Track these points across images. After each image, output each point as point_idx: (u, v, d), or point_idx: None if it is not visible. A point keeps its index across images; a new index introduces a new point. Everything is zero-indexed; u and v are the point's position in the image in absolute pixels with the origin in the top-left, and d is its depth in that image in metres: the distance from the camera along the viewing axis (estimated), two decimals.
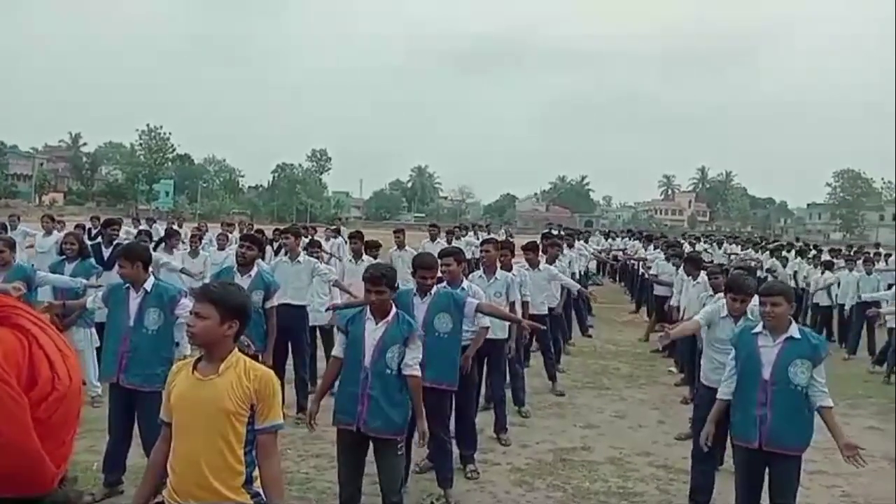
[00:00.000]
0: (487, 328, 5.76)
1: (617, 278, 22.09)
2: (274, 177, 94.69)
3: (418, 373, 4.18)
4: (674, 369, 9.45)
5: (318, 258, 7.89)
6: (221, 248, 10.51)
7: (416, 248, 11.16)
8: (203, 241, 11.03)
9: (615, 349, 11.59)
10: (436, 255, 5.62)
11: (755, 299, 4.98)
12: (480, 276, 6.80)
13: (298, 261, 7.20)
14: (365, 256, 9.10)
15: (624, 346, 11.93)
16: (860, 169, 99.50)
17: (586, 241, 18.31)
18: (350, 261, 8.98)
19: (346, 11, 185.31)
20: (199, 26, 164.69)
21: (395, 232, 11.21)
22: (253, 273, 6.10)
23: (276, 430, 2.77)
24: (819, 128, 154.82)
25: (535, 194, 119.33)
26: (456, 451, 5.55)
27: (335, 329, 6.17)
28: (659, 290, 11.44)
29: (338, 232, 15.68)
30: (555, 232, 17.04)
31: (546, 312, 8.62)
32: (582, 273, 13.99)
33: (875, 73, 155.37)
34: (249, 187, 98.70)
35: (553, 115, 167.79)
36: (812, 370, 4.11)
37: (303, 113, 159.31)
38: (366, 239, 9.35)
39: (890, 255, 17.11)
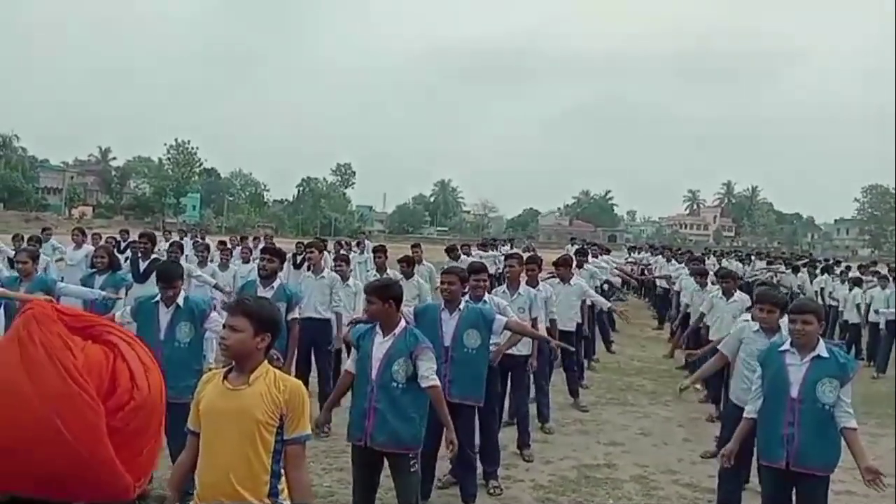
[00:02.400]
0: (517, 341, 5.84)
1: (641, 294, 21.94)
2: (299, 191, 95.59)
3: (437, 383, 4.14)
4: (699, 386, 9.35)
5: (341, 273, 7.94)
6: (245, 261, 10.63)
7: (437, 263, 11.23)
8: (233, 255, 11.18)
9: (639, 365, 11.52)
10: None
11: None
12: (504, 291, 6.81)
13: (322, 275, 7.27)
14: (390, 271, 9.16)
15: (648, 362, 11.84)
16: (889, 184, 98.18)
17: (596, 257, 18.06)
18: (374, 275, 9.03)
19: (367, 25, 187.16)
20: (226, 42, 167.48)
21: (412, 247, 11.25)
22: (275, 285, 6.20)
23: (305, 440, 2.81)
24: (847, 143, 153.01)
25: (559, 208, 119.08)
26: (479, 467, 5.56)
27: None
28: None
29: (364, 247, 15.73)
30: (577, 246, 16.99)
31: (574, 329, 8.61)
32: (604, 289, 13.90)
33: None
34: (274, 201, 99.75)
35: (577, 129, 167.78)
36: (839, 389, 4.06)
37: (328, 127, 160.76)
38: (406, 255, 9.44)
39: None
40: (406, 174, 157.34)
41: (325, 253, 15.20)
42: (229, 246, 11.91)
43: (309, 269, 7.52)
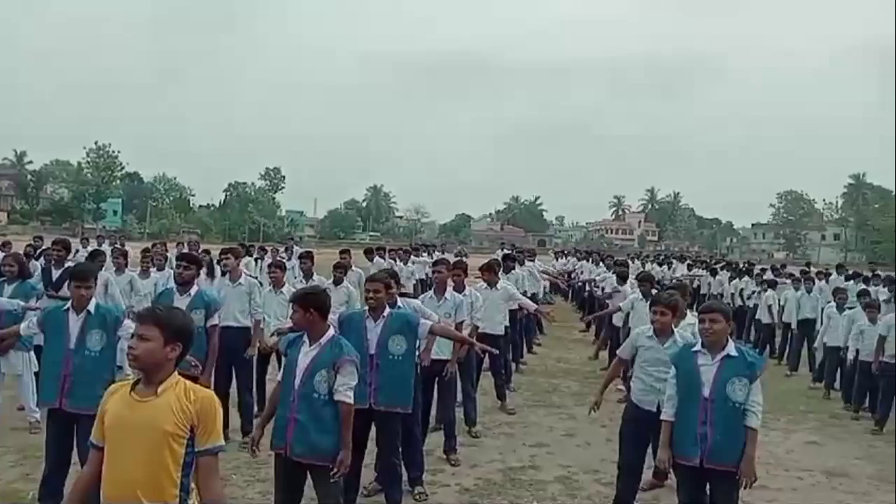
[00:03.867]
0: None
1: (569, 297, 22.37)
2: (226, 195, 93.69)
3: (349, 399, 4.08)
4: (622, 387, 9.58)
5: (275, 280, 7.80)
6: (160, 268, 10.30)
7: (366, 269, 11.17)
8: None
9: (566, 367, 11.72)
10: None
11: (690, 317, 5.16)
12: (431, 296, 6.84)
13: (240, 282, 7.10)
14: (317, 277, 9.05)
15: (574, 364, 12.07)
16: (802, 190, 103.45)
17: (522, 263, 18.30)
18: (301, 281, 8.92)
19: (302, 28, 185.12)
20: (150, 42, 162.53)
21: (341, 252, 11.15)
22: (192, 292, 6.04)
23: (218, 451, 2.74)
24: (763, 151, 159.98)
25: (490, 214, 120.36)
26: (405, 473, 5.55)
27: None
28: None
29: (292, 252, 15.50)
30: (507, 251, 17.21)
31: (502, 333, 8.69)
32: (533, 293, 14.10)
33: (817, 98, 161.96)
34: (200, 206, 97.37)
35: (508, 136, 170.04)
36: (749, 388, 4.23)
37: (257, 131, 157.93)
38: (339, 261, 9.36)
39: (831, 273, 17.65)
40: (338, 179, 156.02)
41: (250, 258, 15.00)
42: (150, 253, 11.51)
43: (225, 275, 7.31)
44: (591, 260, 20.37)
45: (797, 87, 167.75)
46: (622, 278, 11.21)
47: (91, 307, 4.77)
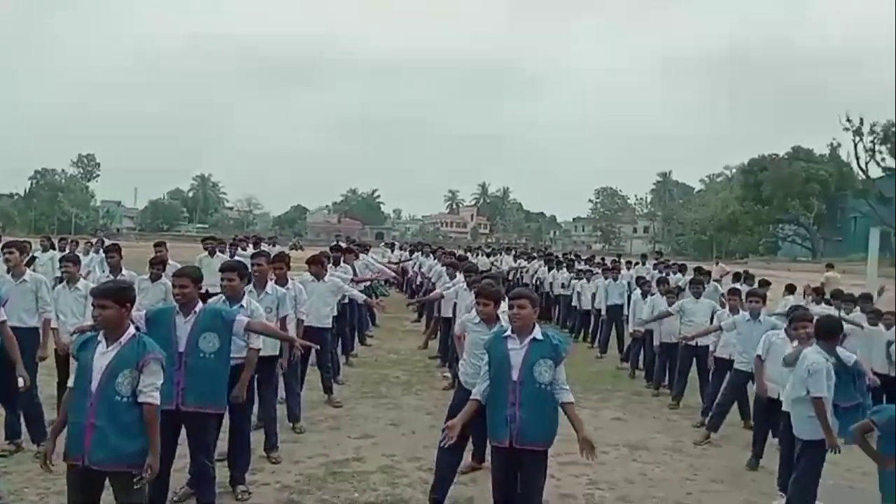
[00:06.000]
0: (258, 350, 5.47)
1: (402, 289, 22.59)
2: (32, 183, 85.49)
3: (154, 400, 3.84)
4: (448, 374, 9.84)
5: (69, 275, 7.17)
6: None
7: (183, 263, 10.61)
8: None
9: (395, 357, 11.84)
10: (216, 269, 5.40)
11: (504, 305, 5.38)
12: (250, 290, 6.60)
13: (24, 279, 6.46)
14: (126, 271, 8.46)
15: (404, 354, 12.22)
16: (617, 187, 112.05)
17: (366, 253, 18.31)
18: (108, 276, 8.30)
19: (123, 8, 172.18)
20: None
21: (155, 245, 10.50)
22: None
23: None
24: (585, 150, 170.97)
25: (327, 206, 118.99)
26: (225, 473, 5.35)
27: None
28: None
29: (101, 245, 14.45)
30: (342, 244, 17.04)
31: (329, 326, 8.59)
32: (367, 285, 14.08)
33: (631, 101, 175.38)
34: (2, 195, 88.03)
35: (346, 128, 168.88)
36: (554, 369, 4.46)
37: (71, 117, 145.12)
38: (157, 256, 8.73)
39: (638, 263, 19.17)
40: (161, 167, 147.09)
41: (55, 252, 13.77)
42: None
43: (8, 272, 6.61)
44: (424, 252, 20.69)
45: (615, 91, 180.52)
46: (454, 269, 11.44)
47: None
